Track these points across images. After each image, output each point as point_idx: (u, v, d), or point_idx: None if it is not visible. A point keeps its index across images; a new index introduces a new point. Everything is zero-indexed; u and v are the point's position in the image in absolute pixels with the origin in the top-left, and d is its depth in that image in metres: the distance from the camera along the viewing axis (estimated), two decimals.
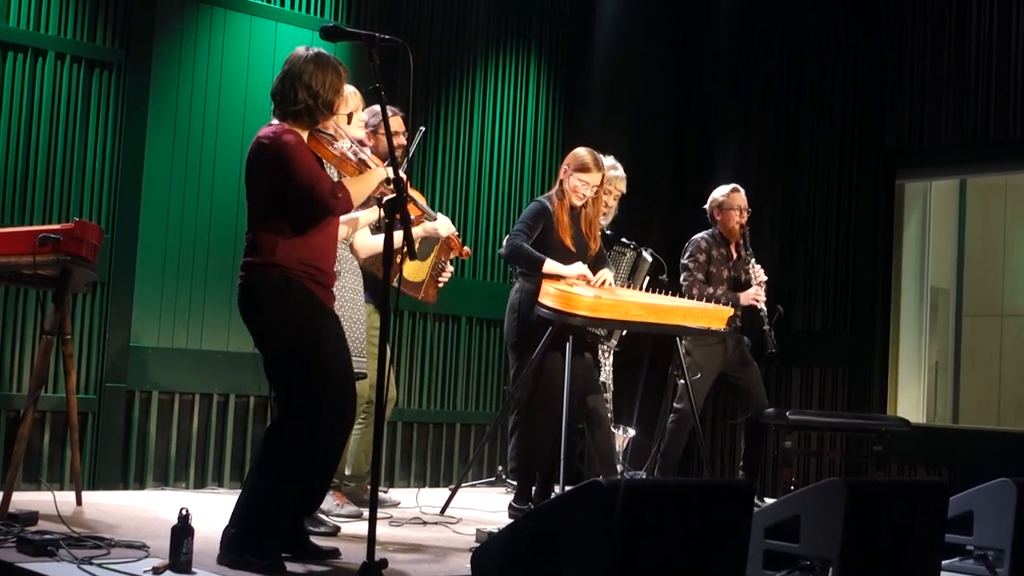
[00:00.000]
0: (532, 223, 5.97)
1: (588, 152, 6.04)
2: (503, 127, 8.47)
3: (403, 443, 7.89)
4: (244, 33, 7.23)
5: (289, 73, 4.28)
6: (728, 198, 7.06)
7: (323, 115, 4.33)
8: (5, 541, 4.24)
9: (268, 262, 4.21)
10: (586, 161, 6.00)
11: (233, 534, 4.16)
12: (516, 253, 5.93)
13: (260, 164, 4.23)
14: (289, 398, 4.22)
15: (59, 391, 6.26)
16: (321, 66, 4.28)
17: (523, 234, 5.93)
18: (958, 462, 7.82)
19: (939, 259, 8.83)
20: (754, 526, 4.07)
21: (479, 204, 8.32)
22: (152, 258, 6.85)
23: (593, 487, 3.57)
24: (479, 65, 8.35)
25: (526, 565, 3.69)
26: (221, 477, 7.06)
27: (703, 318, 6.23)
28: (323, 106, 4.30)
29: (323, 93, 4.28)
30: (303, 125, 4.31)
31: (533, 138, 8.58)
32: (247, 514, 4.17)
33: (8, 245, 5.07)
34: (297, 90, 4.25)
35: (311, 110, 4.28)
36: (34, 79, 6.48)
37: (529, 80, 8.61)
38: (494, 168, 8.41)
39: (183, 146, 6.99)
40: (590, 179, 5.99)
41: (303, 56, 4.30)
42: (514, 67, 8.54)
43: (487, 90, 8.39)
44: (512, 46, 8.54)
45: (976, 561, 5.05)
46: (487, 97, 8.39)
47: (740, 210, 7.04)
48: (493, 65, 8.43)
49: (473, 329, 8.27)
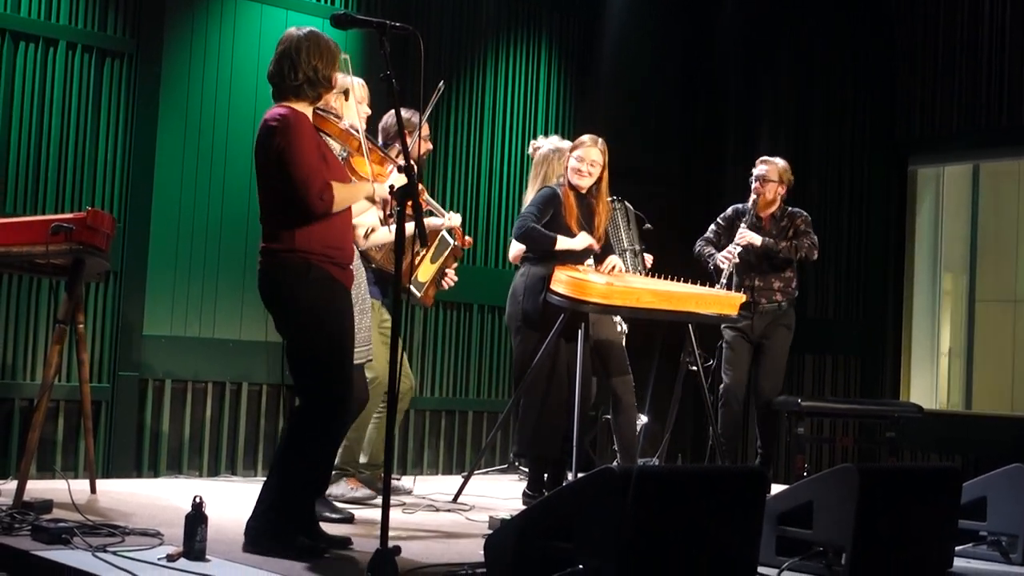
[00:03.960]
0: (543, 207, 5.98)
1: (588, 136, 6.09)
2: (513, 115, 8.46)
3: (416, 431, 7.90)
4: (255, 22, 7.23)
5: (285, 52, 4.29)
6: (754, 169, 7.07)
7: (324, 88, 4.35)
8: (20, 529, 4.25)
9: (288, 248, 4.21)
10: (582, 139, 6.06)
11: (259, 523, 4.19)
12: (527, 234, 5.94)
13: (267, 149, 4.22)
14: (312, 384, 4.23)
15: (72, 380, 6.28)
16: (316, 42, 4.30)
17: (533, 216, 5.95)
18: (971, 448, 7.81)
19: (952, 245, 8.80)
20: (767, 512, 4.07)
21: (489, 192, 8.31)
22: (164, 247, 6.87)
23: (606, 474, 3.57)
24: (489, 53, 8.34)
25: (539, 552, 3.69)
26: (234, 465, 7.08)
27: (715, 305, 6.23)
28: (323, 79, 4.31)
29: (321, 67, 4.29)
30: (306, 101, 4.31)
31: (543, 126, 8.56)
32: (268, 501, 4.20)
33: (21, 234, 5.08)
34: (297, 65, 4.26)
35: (312, 83, 4.29)
36: (46, 69, 6.48)
37: (539, 68, 8.60)
38: (504, 156, 8.40)
39: (195, 135, 7.00)
40: (585, 154, 6.00)
41: (296, 34, 4.33)
42: (524, 55, 8.53)
43: (497, 78, 8.38)
44: (522, 34, 8.52)
45: (989, 547, 5.05)
46: (497, 85, 8.38)
47: (758, 180, 7.01)
48: (503, 53, 8.41)
49: (484, 316, 8.27)
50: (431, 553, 4.40)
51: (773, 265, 6.95)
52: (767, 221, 7.03)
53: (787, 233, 7.01)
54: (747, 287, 6.95)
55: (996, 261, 9.06)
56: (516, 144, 8.45)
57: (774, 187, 6.99)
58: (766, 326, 6.97)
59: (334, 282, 4.29)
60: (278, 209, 4.25)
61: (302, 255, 4.21)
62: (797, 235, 6.99)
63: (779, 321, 7.00)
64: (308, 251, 4.21)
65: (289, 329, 4.30)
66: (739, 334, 6.98)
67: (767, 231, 6.99)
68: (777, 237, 6.97)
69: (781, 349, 7.03)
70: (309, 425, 4.22)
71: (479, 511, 5.67)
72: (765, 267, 6.95)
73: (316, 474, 4.29)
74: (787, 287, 7.01)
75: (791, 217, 7.07)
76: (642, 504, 3.46)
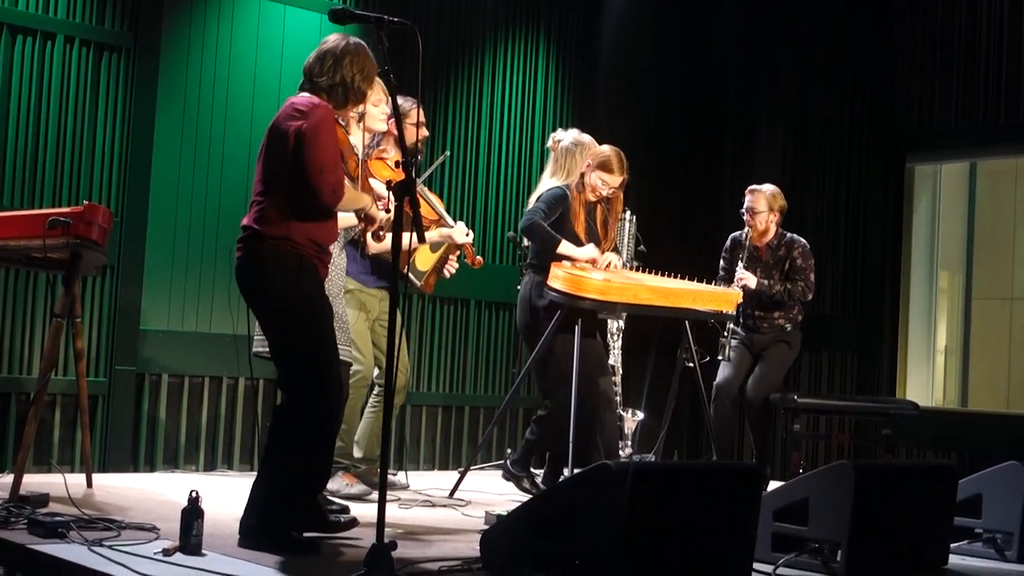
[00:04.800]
0: (553, 206, 5.97)
1: (615, 153, 6.02)
2: (512, 110, 8.46)
3: (412, 426, 7.90)
4: (253, 16, 7.22)
5: (330, 51, 4.28)
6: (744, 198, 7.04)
7: (352, 100, 4.35)
8: (16, 523, 4.24)
9: (280, 235, 4.15)
10: (611, 163, 5.99)
11: (252, 519, 4.18)
12: (534, 230, 5.92)
13: (287, 128, 4.16)
14: (297, 378, 4.21)
15: (69, 374, 6.27)
16: (363, 54, 4.31)
17: (543, 213, 5.94)
18: (967, 445, 7.82)
19: (949, 242, 8.81)
20: (763, 509, 4.07)
21: (487, 188, 8.31)
22: (161, 241, 6.86)
23: (603, 470, 3.58)
24: (488, 48, 8.33)
25: (535, 547, 3.69)
26: (231, 460, 7.08)
27: (712, 301, 6.23)
28: (355, 91, 4.31)
29: (359, 79, 4.30)
30: (332, 104, 4.29)
31: (542, 121, 8.56)
32: (260, 498, 4.19)
33: (18, 228, 5.07)
34: (339, 66, 4.26)
35: (346, 90, 4.28)
36: (43, 63, 6.48)
37: (538, 63, 8.60)
38: (502, 151, 8.40)
39: (192, 129, 6.99)
40: (611, 180, 5.99)
41: (345, 39, 4.32)
42: (523, 50, 8.52)
43: (496, 73, 8.37)
44: (521, 29, 8.52)
45: (985, 544, 5.05)
46: (496, 80, 8.37)
47: (748, 212, 6.99)
48: (502, 48, 8.41)
49: (482, 313, 8.27)
50: (427, 548, 4.41)
51: (774, 302, 6.94)
52: (763, 251, 7.00)
53: (784, 265, 6.97)
54: (749, 315, 6.96)
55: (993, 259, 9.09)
56: (514, 139, 8.45)
57: (764, 217, 6.93)
58: (767, 342, 6.98)
59: (319, 279, 4.28)
60: (279, 192, 4.17)
61: (292, 245, 4.16)
62: (793, 269, 6.95)
63: (781, 338, 6.99)
64: (299, 242, 4.17)
65: (274, 321, 4.24)
66: (741, 343, 6.98)
67: (764, 261, 6.97)
68: (773, 268, 6.95)
69: (778, 359, 7.01)
70: (300, 420, 4.19)
71: (475, 507, 5.67)
72: (766, 301, 6.93)
73: (309, 469, 4.25)
74: (788, 315, 7.00)
75: (788, 246, 7.00)
76: (639, 500, 3.47)
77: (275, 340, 4.27)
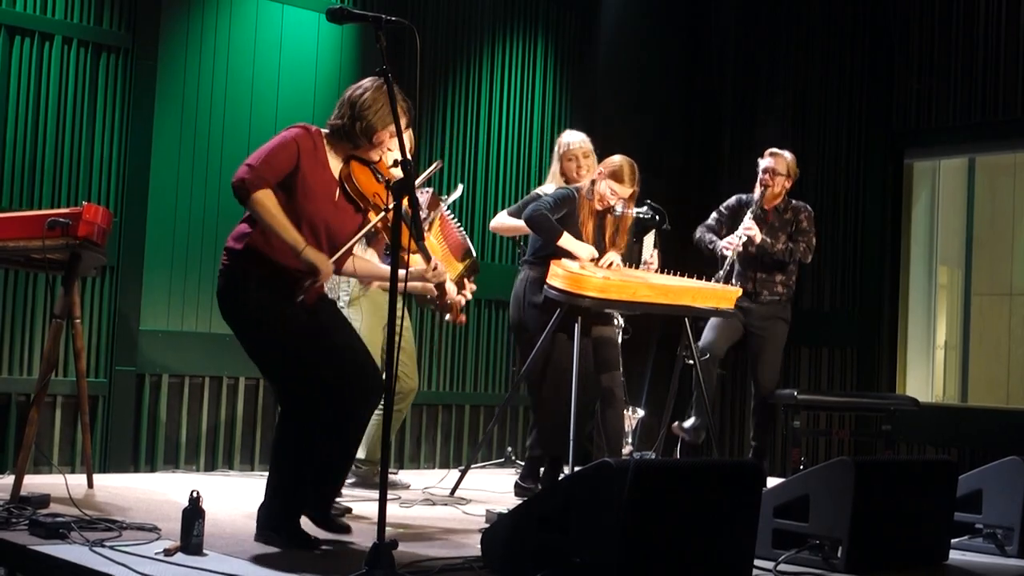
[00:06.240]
0: (559, 202, 5.98)
1: (627, 163, 6.02)
2: (510, 109, 8.46)
3: (413, 425, 7.90)
4: (251, 16, 7.22)
5: (349, 97, 4.25)
6: (761, 160, 7.06)
7: (361, 141, 4.25)
8: (17, 524, 4.24)
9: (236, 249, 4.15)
10: (622, 172, 5.99)
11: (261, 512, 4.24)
12: (537, 221, 5.93)
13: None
14: (278, 393, 4.26)
15: (69, 375, 6.28)
16: (377, 92, 4.20)
17: (548, 205, 5.95)
18: (967, 441, 7.82)
19: (948, 238, 8.82)
20: (763, 505, 4.08)
21: (486, 186, 8.31)
22: (161, 241, 6.86)
23: (603, 467, 3.58)
24: (486, 47, 8.33)
25: (535, 545, 3.69)
26: (231, 460, 7.09)
27: (711, 299, 6.23)
28: (362, 131, 4.22)
29: (368, 116, 4.20)
30: (340, 144, 4.26)
31: (540, 120, 8.56)
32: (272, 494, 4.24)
33: (17, 229, 5.07)
34: (344, 106, 4.23)
35: (349, 131, 4.22)
36: (41, 63, 6.48)
37: (536, 62, 8.60)
38: (501, 150, 8.40)
39: (191, 129, 7.00)
40: (620, 190, 6.00)
41: (369, 82, 4.25)
42: (521, 49, 8.52)
43: (494, 72, 8.37)
44: (519, 28, 8.52)
45: (985, 539, 5.05)
46: (494, 79, 8.37)
47: (767, 172, 6.99)
48: (500, 47, 8.41)
49: (482, 311, 8.27)
50: (428, 547, 4.41)
51: (776, 261, 6.95)
52: (770, 214, 7.03)
53: (790, 227, 7.00)
54: (750, 278, 6.95)
55: (992, 254, 9.09)
56: (512, 138, 8.45)
57: (782, 180, 6.98)
58: (764, 318, 6.97)
59: (272, 286, 4.13)
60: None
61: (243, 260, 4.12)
62: (799, 232, 6.99)
63: (778, 315, 7.01)
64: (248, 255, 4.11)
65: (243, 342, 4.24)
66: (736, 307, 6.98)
67: (770, 223, 6.98)
68: (779, 230, 6.96)
69: (779, 341, 7.04)
70: (284, 432, 4.24)
71: (476, 505, 5.67)
72: (768, 262, 6.95)
73: (309, 469, 4.24)
74: (788, 281, 7.02)
75: (795, 211, 7.05)
76: (639, 497, 3.47)
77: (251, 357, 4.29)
